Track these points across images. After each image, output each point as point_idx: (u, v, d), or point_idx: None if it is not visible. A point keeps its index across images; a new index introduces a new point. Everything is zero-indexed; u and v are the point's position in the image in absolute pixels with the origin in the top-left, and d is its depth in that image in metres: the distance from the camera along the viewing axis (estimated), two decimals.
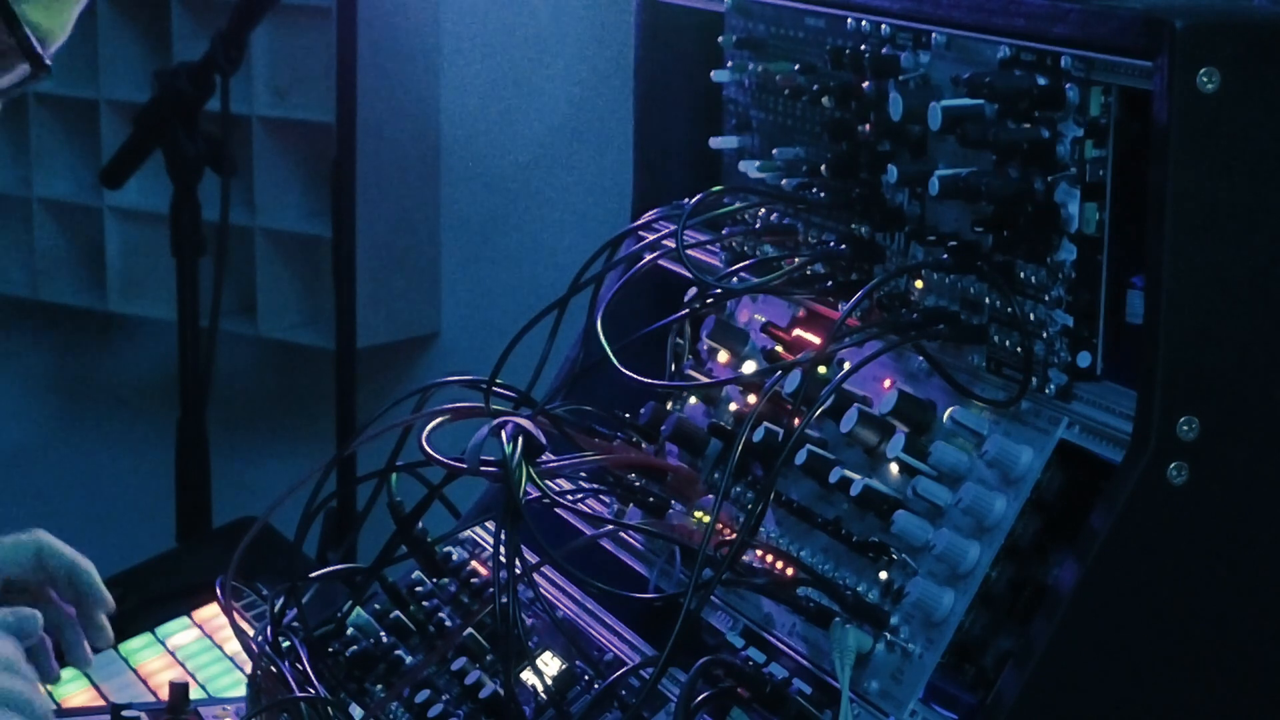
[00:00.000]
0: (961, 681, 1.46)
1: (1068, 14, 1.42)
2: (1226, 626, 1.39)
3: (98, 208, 3.99)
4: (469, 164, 3.64)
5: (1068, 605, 1.35)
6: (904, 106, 1.55)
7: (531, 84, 3.50)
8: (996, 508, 1.46)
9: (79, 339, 4.25)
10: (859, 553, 1.56)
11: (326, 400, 3.43)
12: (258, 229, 3.76)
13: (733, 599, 1.66)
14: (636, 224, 1.95)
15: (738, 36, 1.85)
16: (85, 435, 4.26)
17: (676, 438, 1.80)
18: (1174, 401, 1.35)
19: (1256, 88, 1.34)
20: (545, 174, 3.50)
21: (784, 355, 1.76)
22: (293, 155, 3.77)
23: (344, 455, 2.53)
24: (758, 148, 1.83)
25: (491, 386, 1.78)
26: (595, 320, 1.77)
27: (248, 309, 3.82)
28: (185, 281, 3.42)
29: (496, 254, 3.62)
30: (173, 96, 3.32)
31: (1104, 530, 1.35)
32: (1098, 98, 1.43)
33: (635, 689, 1.61)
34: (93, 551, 1.83)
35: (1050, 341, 1.47)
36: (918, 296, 1.61)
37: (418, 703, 1.75)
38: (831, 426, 1.60)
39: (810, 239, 1.75)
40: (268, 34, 3.68)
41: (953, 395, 1.55)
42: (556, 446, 1.69)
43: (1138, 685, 1.38)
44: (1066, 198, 1.45)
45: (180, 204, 3.38)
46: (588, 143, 3.40)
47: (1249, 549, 1.38)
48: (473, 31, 3.59)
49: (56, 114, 4.05)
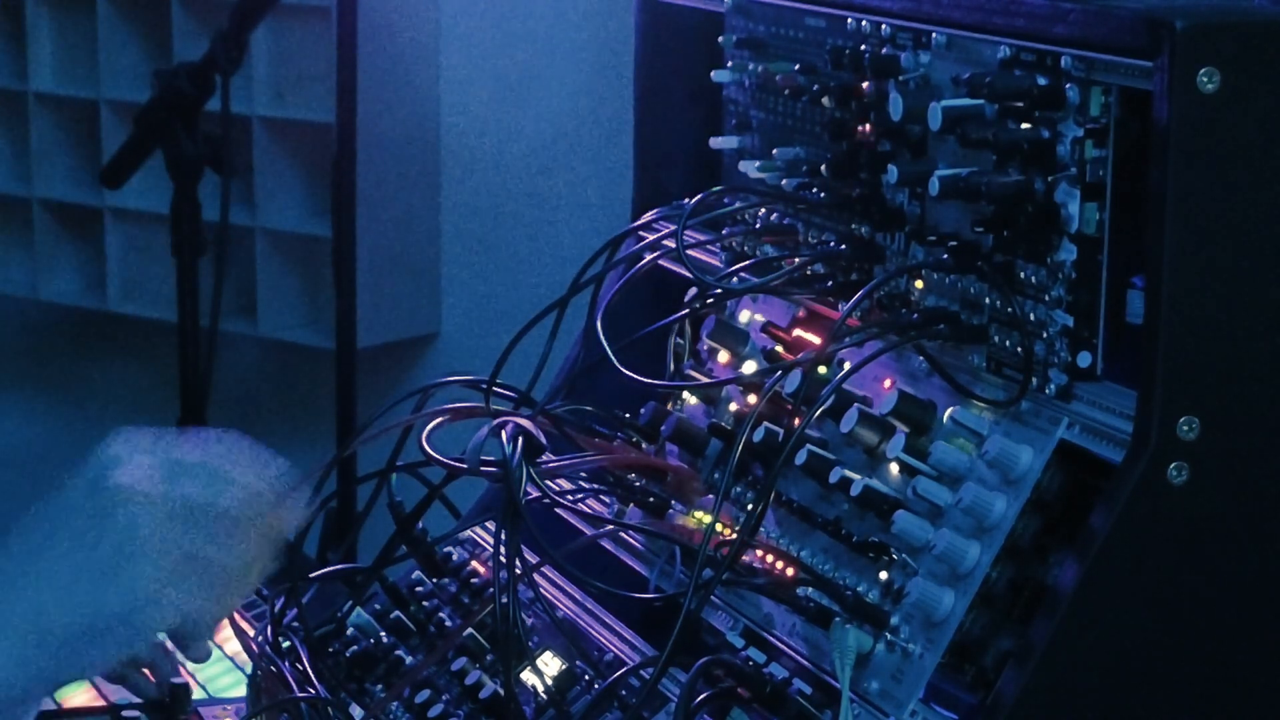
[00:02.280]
0: (961, 681, 1.46)
1: (1068, 14, 1.42)
2: (1226, 626, 1.39)
3: (98, 208, 3.99)
4: (469, 164, 3.64)
5: (1068, 605, 1.35)
6: (904, 106, 1.55)
7: (531, 84, 3.50)
8: (996, 508, 1.46)
9: (79, 339, 4.25)
10: (859, 553, 1.56)
11: (326, 400, 3.43)
12: (258, 229, 3.76)
13: (733, 599, 1.66)
14: (636, 224, 1.95)
15: (738, 36, 1.85)
16: (85, 435, 4.25)
17: (676, 438, 1.80)
18: (1174, 401, 1.35)
19: (1256, 88, 1.34)
20: (545, 174, 3.50)
21: (784, 355, 1.76)
22: (293, 155, 3.77)
23: (344, 455, 2.52)
24: (758, 148, 1.83)
25: (491, 386, 1.78)
26: (595, 320, 1.77)
27: (248, 309, 3.82)
28: (185, 282, 3.42)
29: (496, 254, 3.62)
30: (173, 96, 3.32)
31: (1104, 530, 1.35)
32: (1098, 98, 1.43)
33: (635, 689, 1.61)
34: None
35: (1050, 341, 1.47)
36: (918, 296, 1.61)
37: (418, 703, 1.75)
38: (831, 426, 1.60)
39: (810, 239, 1.75)
40: (268, 34, 3.68)
41: (953, 395, 1.55)
42: (556, 446, 1.69)
43: (1138, 685, 1.38)
44: (1066, 198, 1.45)
45: (180, 204, 3.37)
46: (588, 143, 3.40)
47: (1249, 549, 1.38)
48: (473, 31, 3.59)
49: (56, 114, 4.05)
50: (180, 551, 1.40)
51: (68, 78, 4.03)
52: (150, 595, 1.38)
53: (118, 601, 1.38)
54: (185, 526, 1.41)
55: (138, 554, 1.39)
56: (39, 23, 4.04)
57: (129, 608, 1.38)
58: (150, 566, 1.39)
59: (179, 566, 1.40)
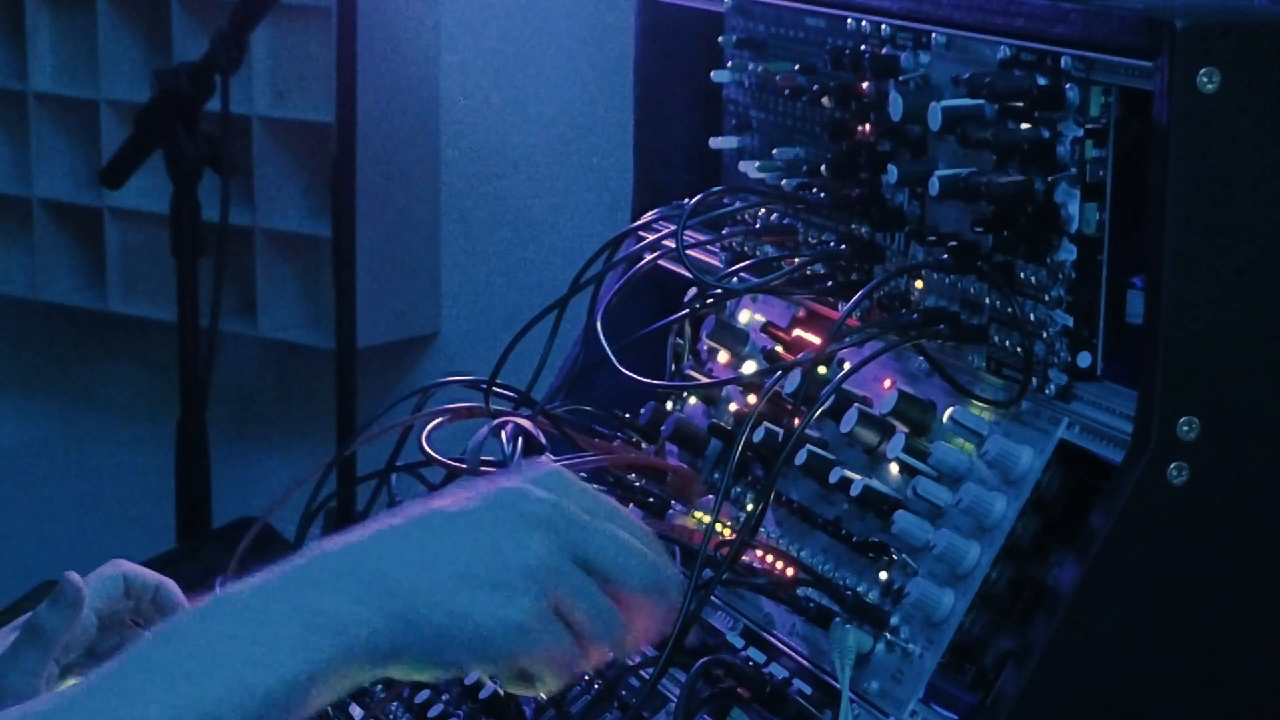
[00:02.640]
0: (961, 681, 1.46)
1: (1068, 14, 1.42)
2: (1226, 626, 1.39)
3: (98, 208, 3.99)
4: (469, 164, 3.64)
5: (1068, 605, 1.35)
6: (904, 107, 1.55)
7: (532, 84, 3.50)
8: (996, 508, 1.46)
9: (79, 339, 4.25)
10: (859, 553, 1.56)
11: (326, 400, 3.43)
12: (258, 229, 3.76)
13: (733, 599, 1.66)
14: (636, 224, 1.95)
15: (738, 36, 1.85)
16: (85, 435, 4.26)
17: (676, 438, 1.80)
18: (1174, 401, 1.35)
19: (1256, 88, 1.34)
20: (545, 174, 3.50)
21: (784, 355, 1.76)
22: (293, 155, 3.77)
23: (344, 455, 2.53)
24: (758, 148, 1.83)
25: (491, 386, 1.78)
26: (595, 320, 1.77)
27: (248, 309, 3.82)
28: (185, 282, 3.42)
29: (496, 254, 3.61)
30: (173, 96, 3.32)
31: (1104, 530, 1.35)
32: (1098, 98, 1.43)
33: (635, 689, 1.61)
34: (93, 552, 1.83)
35: (1050, 342, 1.47)
36: (918, 297, 1.61)
37: (418, 703, 1.75)
38: (831, 426, 1.60)
39: (810, 239, 1.75)
40: (268, 34, 3.68)
41: (953, 395, 1.55)
42: (556, 446, 1.69)
43: (1138, 685, 1.38)
44: (1066, 198, 1.45)
45: (180, 204, 3.37)
46: (588, 143, 3.40)
47: (1249, 549, 1.38)
48: (473, 31, 3.59)
49: (56, 114, 4.05)
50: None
51: (68, 78, 4.02)
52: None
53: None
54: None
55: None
56: (39, 23, 4.03)
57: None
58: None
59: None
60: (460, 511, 1.31)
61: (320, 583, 1.27)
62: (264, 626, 1.25)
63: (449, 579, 1.28)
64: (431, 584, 1.27)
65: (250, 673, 1.23)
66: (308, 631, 1.24)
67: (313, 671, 1.24)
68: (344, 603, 1.26)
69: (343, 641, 1.25)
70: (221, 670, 1.23)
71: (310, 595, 1.26)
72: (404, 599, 1.27)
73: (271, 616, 1.25)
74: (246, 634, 1.24)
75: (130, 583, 1.66)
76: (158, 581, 1.66)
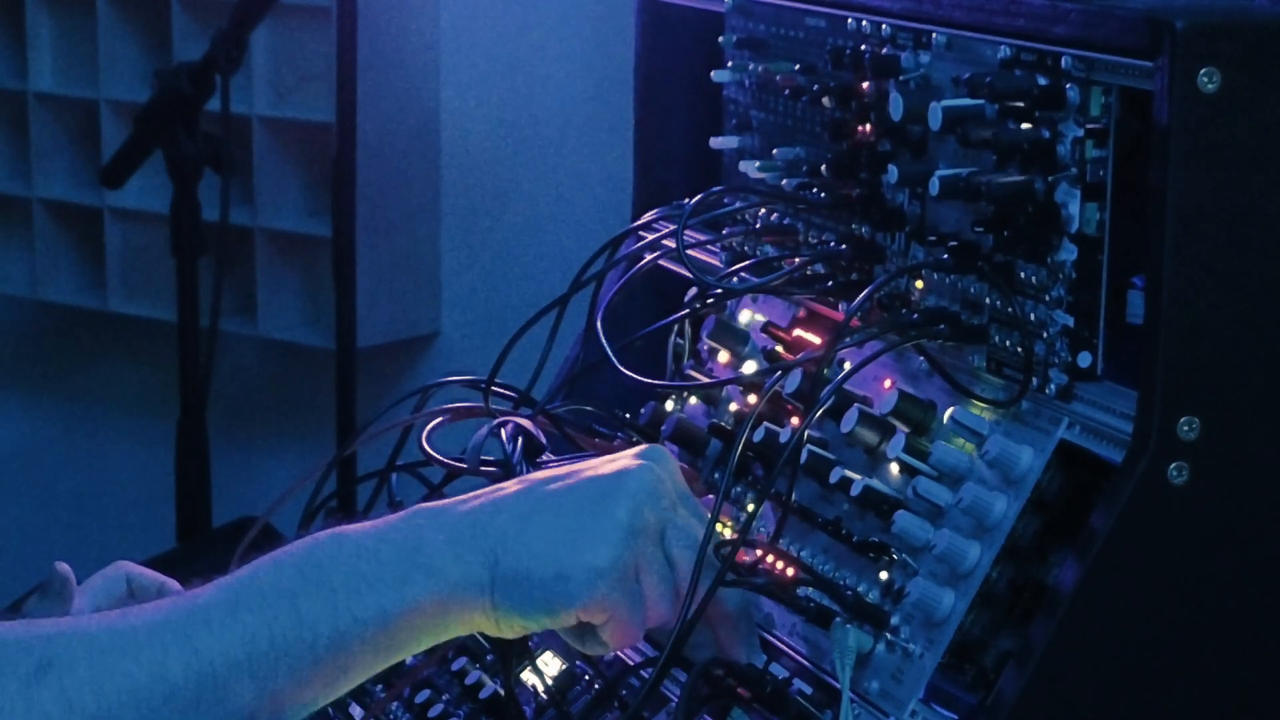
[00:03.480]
0: (961, 681, 1.46)
1: (1068, 14, 1.42)
2: (1227, 626, 1.39)
3: (98, 208, 3.99)
4: (469, 164, 3.64)
5: (1068, 605, 1.35)
6: (904, 106, 1.55)
7: (531, 84, 3.50)
8: (997, 508, 1.46)
9: (79, 339, 4.25)
10: (859, 553, 1.56)
11: (326, 400, 3.43)
12: (258, 229, 3.76)
13: None
14: (637, 224, 1.95)
15: (738, 36, 1.85)
16: (85, 435, 4.26)
17: (676, 438, 1.80)
18: (1174, 401, 1.35)
19: (1256, 88, 1.34)
20: (545, 173, 3.50)
21: (784, 355, 1.76)
22: (293, 155, 3.77)
23: (344, 455, 2.52)
24: (758, 148, 1.83)
25: (491, 386, 1.78)
26: (595, 320, 1.77)
27: (248, 309, 3.82)
28: (185, 281, 3.42)
29: (497, 254, 3.62)
30: (173, 96, 3.32)
31: (1104, 530, 1.35)
32: (1098, 98, 1.43)
33: (635, 689, 1.61)
34: (93, 552, 1.83)
35: (1050, 341, 1.47)
36: (918, 297, 1.61)
37: (418, 703, 1.75)
38: (832, 426, 1.60)
39: (810, 239, 1.75)
40: (268, 34, 3.68)
41: (953, 395, 1.55)
42: (556, 446, 1.69)
43: (1138, 685, 1.38)
44: (1067, 198, 1.45)
45: (180, 204, 3.37)
46: (588, 143, 3.40)
47: (1249, 549, 1.38)
48: (473, 31, 3.59)
49: (56, 114, 4.05)
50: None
51: (68, 78, 4.02)
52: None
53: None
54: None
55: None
56: (39, 23, 4.03)
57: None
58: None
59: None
60: (568, 473, 1.44)
61: (426, 530, 1.40)
62: (368, 561, 1.37)
63: (543, 521, 1.40)
64: (522, 525, 1.40)
65: (347, 598, 1.35)
66: (410, 568, 1.37)
67: (405, 608, 1.36)
68: (442, 545, 1.38)
69: (438, 583, 1.37)
70: (321, 590, 1.35)
71: (415, 537, 1.39)
72: (495, 537, 1.39)
73: (379, 554, 1.37)
74: (350, 565, 1.36)
75: (133, 583, 1.66)
76: (160, 582, 1.67)
